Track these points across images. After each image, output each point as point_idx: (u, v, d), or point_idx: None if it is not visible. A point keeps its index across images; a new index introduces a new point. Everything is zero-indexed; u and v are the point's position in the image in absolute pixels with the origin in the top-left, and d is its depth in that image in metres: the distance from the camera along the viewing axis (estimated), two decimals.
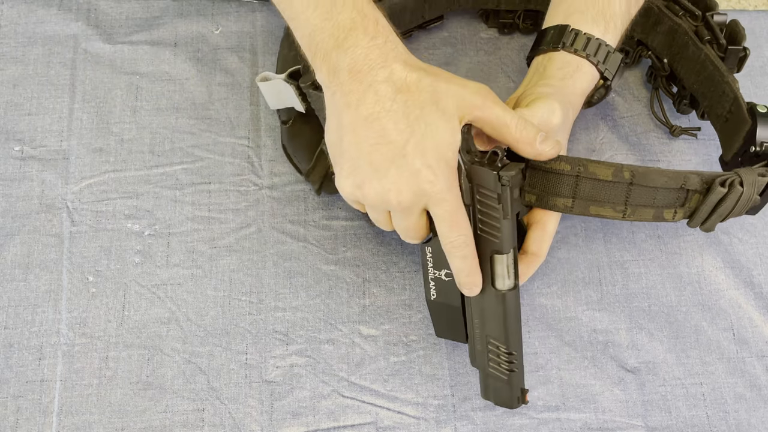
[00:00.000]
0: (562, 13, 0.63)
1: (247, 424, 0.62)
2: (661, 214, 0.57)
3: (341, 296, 0.67)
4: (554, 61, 0.61)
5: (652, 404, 0.65)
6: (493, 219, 0.51)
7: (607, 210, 0.56)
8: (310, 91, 0.56)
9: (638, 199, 0.55)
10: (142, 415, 0.62)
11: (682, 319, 0.68)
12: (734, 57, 0.67)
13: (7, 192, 0.68)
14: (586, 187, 0.55)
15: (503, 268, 0.53)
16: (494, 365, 0.57)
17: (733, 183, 0.54)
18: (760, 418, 0.64)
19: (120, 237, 0.67)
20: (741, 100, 0.65)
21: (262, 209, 0.69)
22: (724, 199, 0.55)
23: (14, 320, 0.64)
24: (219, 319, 0.65)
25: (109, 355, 0.64)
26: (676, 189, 0.55)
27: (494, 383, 0.58)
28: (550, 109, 0.56)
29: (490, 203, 0.51)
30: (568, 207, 0.56)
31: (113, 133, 0.71)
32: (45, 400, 0.62)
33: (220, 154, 0.71)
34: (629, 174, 0.54)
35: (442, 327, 0.60)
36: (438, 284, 0.56)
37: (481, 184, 0.51)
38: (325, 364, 0.64)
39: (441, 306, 0.58)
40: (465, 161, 0.50)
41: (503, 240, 0.52)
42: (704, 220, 0.58)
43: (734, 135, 0.65)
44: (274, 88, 0.62)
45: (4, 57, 0.74)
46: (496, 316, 0.55)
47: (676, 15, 0.69)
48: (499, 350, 0.56)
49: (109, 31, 0.75)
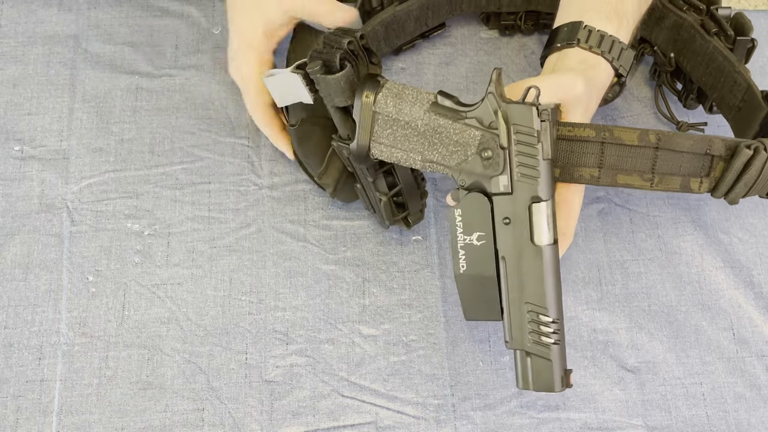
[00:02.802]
0: (575, 10, 0.63)
1: (246, 424, 0.62)
2: (688, 183, 0.56)
3: (341, 296, 0.67)
4: (571, 56, 0.60)
5: (652, 404, 0.65)
6: (532, 160, 0.50)
7: (635, 178, 0.55)
8: (318, 76, 0.53)
9: (665, 166, 0.55)
10: (142, 414, 0.62)
11: (682, 319, 0.68)
12: (742, 48, 0.67)
13: (7, 192, 0.69)
14: (613, 154, 0.54)
15: (543, 218, 0.50)
16: (535, 339, 0.52)
17: (758, 148, 0.54)
18: (759, 418, 0.64)
19: (120, 237, 0.67)
20: (755, 88, 0.64)
21: (262, 209, 0.69)
22: (749, 166, 0.55)
23: (14, 320, 0.64)
24: (219, 319, 0.65)
25: (109, 354, 0.64)
26: (702, 155, 0.55)
27: (535, 363, 0.52)
28: (574, 78, 0.55)
29: (528, 142, 0.49)
30: (594, 177, 0.54)
31: (113, 132, 0.71)
32: (45, 400, 0.62)
33: (220, 154, 0.71)
34: (655, 137, 0.53)
35: (473, 305, 0.55)
36: (468, 252, 0.53)
37: (518, 122, 0.49)
38: (324, 364, 0.64)
39: (472, 279, 0.53)
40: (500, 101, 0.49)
41: (543, 184, 0.50)
42: (729, 190, 0.57)
43: (750, 123, 0.64)
44: (281, 82, 0.60)
45: (4, 57, 0.74)
46: (536, 275, 0.51)
47: (681, 9, 0.69)
48: (541, 319, 0.51)
49: (109, 31, 0.75)
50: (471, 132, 0.51)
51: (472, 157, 0.51)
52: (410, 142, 0.53)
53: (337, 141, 0.57)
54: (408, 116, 0.52)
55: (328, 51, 0.53)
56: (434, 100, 0.52)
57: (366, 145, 0.54)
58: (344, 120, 0.55)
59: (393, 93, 0.52)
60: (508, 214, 0.51)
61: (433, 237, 0.69)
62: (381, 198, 0.60)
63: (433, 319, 0.66)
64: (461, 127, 0.51)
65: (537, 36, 0.78)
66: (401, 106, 0.52)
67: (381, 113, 0.52)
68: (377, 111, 0.53)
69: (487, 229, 0.52)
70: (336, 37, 0.53)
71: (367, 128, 0.53)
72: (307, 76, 0.56)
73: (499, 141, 0.50)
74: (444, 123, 0.51)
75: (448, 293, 0.67)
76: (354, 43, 0.53)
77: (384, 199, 0.60)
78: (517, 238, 0.51)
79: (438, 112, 0.52)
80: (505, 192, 0.51)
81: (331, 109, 0.55)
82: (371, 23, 0.68)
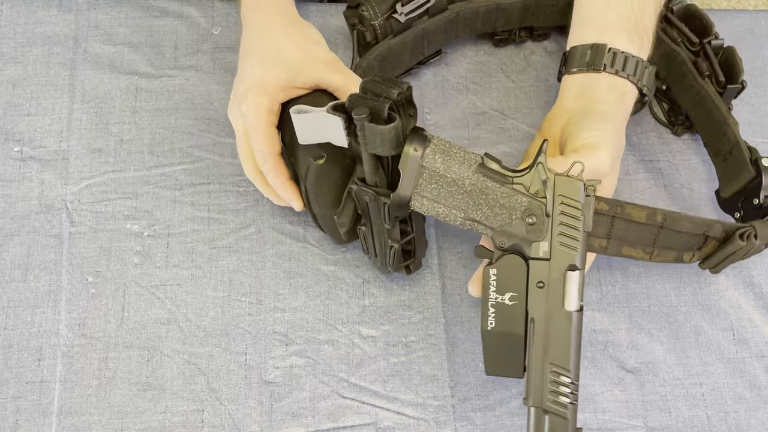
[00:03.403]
0: (593, 30, 0.63)
1: (246, 425, 0.62)
2: (681, 256, 0.61)
3: (341, 297, 0.67)
4: (600, 83, 0.61)
5: (652, 404, 0.64)
6: (573, 231, 0.52)
7: (638, 251, 0.59)
8: (366, 123, 0.52)
9: (665, 242, 0.59)
10: (142, 415, 0.62)
11: (682, 320, 0.68)
12: (732, 92, 0.69)
13: (6, 192, 0.68)
14: (620, 228, 0.57)
15: (575, 286, 0.52)
16: (553, 398, 0.53)
17: (750, 236, 0.59)
18: (759, 419, 0.64)
19: (119, 238, 0.67)
20: (743, 146, 0.66)
21: (261, 210, 0.69)
22: (738, 251, 0.60)
23: (14, 321, 0.64)
24: (218, 320, 0.65)
25: (108, 355, 0.64)
26: (698, 234, 0.59)
27: (552, 421, 0.53)
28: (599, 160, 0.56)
29: (572, 213, 0.52)
30: (602, 247, 0.58)
31: (113, 133, 0.71)
32: (44, 401, 0.62)
33: (219, 155, 0.71)
34: (662, 218, 0.57)
35: (497, 360, 0.56)
36: (499, 311, 0.54)
37: (564, 194, 0.52)
38: (324, 365, 0.64)
39: (499, 336, 0.54)
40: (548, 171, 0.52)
41: (579, 254, 0.52)
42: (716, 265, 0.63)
43: (735, 177, 0.67)
44: (313, 121, 0.57)
45: (4, 57, 0.74)
46: (563, 339, 0.53)
47: (674, 42, 0.69)
48: (561, 380, 0.53)
49: (109, 32, 0.75)
50: (518, 197, 0.53)
51: (516, 221, 0.53)
52: (454, 199, 0.54)
53: (360, 186, 0.57)
54: (456, 174, 0.53)
55: (372, 98, 0.52)
56: (481, 161, 0.53)
57: (408, 196, 0.54)
58: (376, 167, 0.55)
59: (441, 150, 0.53)
60: (542, 278, 0.53)
61: (433, 238, 0.69)
62: (393, 245, 0.60)
63: (432, 320, 0.66)
64: (509, 191, 0.53)
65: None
66: (449, 163, 0.53)
67: (428, 168, 0.53)
68: (424, 165, 0.53)
69: (520, 290, 0.54)
70: (382, 86, 0.53)
71: (411, 181, 0.54)
72: (349, 119, 0.55)
73: (546, 209, 0.52)
74: (492, 185, 0.53)
75: (447, 294, 0.67)
76: (402, 94, 0.53)
77: (396, 246, 0.60)
78: (549, 302, 0.53)
79: (485, 173, 0.53)
80: (543, 257, 0.53)
81: (365, 155, 0.55)
82: (366, 58, 0.68)
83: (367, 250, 0.64)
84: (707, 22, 0.69)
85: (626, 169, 0.73)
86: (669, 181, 0.72)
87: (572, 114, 0.61)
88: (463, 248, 0.69)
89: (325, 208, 0.62)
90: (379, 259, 0.63)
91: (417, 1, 0.69)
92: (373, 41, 0.69)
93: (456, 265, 0.68)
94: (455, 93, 0.75)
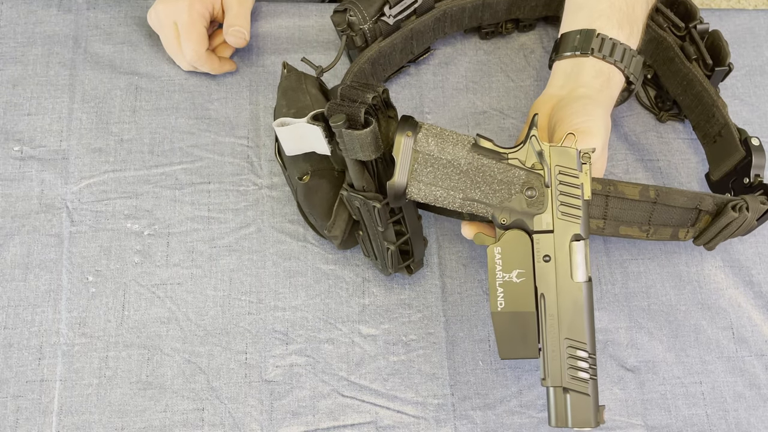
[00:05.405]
0: (584, 16, 0.63)
1: (246, 424, 0.62)
2: (677, 233, 0.61)
3: (341, 296, 0.67)
4: (586, 67, 0.62)
5: (652, 403, 0.65)
6: (574, 200, 0.52)
7: (635, 230, 0.59)
8: (342, 130, 0.52)
9: (659, 219, 0.59)
10: (142, 414, 0.62)
11: (682, 318, 0.68)
12: (720, 75, 0.69)
13: (6, 192, 0.69)
14: (615, 207, 0.57)
15: (581, 256, 0.52)
16: (573, 374, 0.52)
17: (742, 208, 0.59)
18: (759, 417, 0.64)
19: (119, 237, 0.67)
20: (732, 127, 0.67)
21: (261, 209, 0.69)
22: (730, 223, 0.60)
23: (14, 320, 0.64)
24: (219, 319, 0.65)
25: (108, 354, 0.64)
26: (691, 209, 0.60)
27: (574, 399, 0.52)
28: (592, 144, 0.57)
29: (570, 183, 0.52)
30: (600, 228, 0.58)
31: (113, 133, 0.71)
32: (45, 400, 0.62)
33: (219, 154, 0.71)
34: (654, 193, 0.58)
35: (510, 342, 0.54)
36: (507, 290, 0.53)
37: (561, 164, 0.52)
38: (324, 364, 0.64)
39: (510, 317, 0.53)
40: (542, 143, 0.52)
41: (583, 223, 0.52)
42: (710, 240, 0.63)
43: (724, 158, 0.68)
44: (295, 132, 0.58)
45: (4, 57, 0.74)
46: (575, 311, 0.52)
47: (661, 27, 0.70)
48: (578, 354, 0.52)
49: (109, 31, 0.75)
50: (516, 171, 0.53)
51: (515, 195, 0.53)
52: (452, 181, 0.54)
53: (349, 191, 0.57)
54: (451, 155, 0.53)
55: (349, 105, 0.53)
56: (474, 141, 0.53)
57: (404, 183, 0.54)
58: (361, 172, 0.56)
59: (433, 133, 0.53)
60: (548, 252, 0.53)
61: (433, 237, 0.69)
62: (389, 247, 0.60)
63: (432, 318, 0.66)
64: (505, 166, 0.53)
65: (536, 36, 0.78)
66: (443, 145, 0.53)
67: (422, 152, 0.53)
68: (418, 150, 0.53)
69: (527, 266, 0.53)
70: (358, 91, 0.53)
71: (406, 167, 0.54)
72: (328, 128, 0.55)
73: (544, 180, 0.52)
74: (488, 162, 0.53)
75: (447, 293, 0.67)
76: (377, 98, 0.53)
77: (392, 248, 0.60)
78: (557, 275, 0.53)
79: (480, 152, 0.53)
80: (547, 230, 0.53)
81: (349, 161, 0.55)
82: (358, 62, 0.68)
83: (368, 254, 0.64)
84: (691, 7, 0.69)
85: (626, 169, 0.73)
86: (669, 181, 0.72)
87: (558, 99, 0.61)
88: (462, 247, 0.69)
89: (321, 220, 0.63)
90: (379, 262, 0.63)
91: (405, 2, 0.69)
92: (363, 45, 0.69)
93: (456, 264, 0.68)
94: (455, 93, 0.75)
